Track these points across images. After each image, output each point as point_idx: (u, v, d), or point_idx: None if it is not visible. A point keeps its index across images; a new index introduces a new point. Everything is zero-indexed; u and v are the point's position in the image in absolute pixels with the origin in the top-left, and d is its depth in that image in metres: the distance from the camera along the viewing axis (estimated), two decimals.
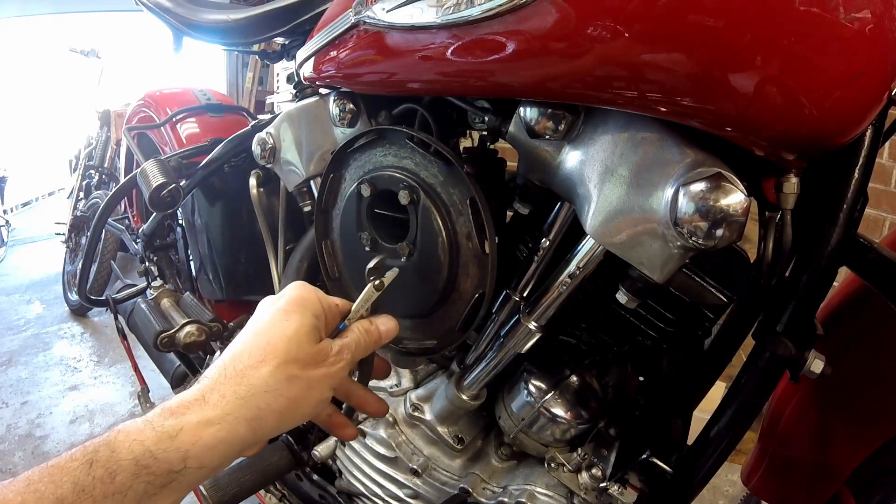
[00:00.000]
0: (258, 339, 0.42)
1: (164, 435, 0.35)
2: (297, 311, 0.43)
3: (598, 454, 0.64)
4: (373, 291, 0.51)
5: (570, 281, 0.53)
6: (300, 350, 0.42)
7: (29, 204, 5.77)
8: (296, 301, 0.44)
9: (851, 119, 0.39)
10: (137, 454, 0.34)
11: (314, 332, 0.43)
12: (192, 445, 0.36)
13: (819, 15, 0.34)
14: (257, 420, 0.39)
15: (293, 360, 0.41)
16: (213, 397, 0.38)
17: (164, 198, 0.90)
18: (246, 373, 0.40)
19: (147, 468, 0.34)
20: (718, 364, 0.64)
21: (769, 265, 0.52)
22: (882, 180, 1.76)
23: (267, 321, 0.43)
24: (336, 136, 0.72)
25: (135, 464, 0.34)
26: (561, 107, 0.48)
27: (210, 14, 0.97)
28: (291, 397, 0.41)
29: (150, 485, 0.34)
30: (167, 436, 0.35)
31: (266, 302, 0.46)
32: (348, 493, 0.82)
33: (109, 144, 2.80)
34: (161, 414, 0.37)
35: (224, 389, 0.39)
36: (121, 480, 0.33)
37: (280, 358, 0.41)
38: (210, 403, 0.38)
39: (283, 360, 0.41)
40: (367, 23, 0.55)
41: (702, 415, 0.62)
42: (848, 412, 0.67)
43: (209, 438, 0.37)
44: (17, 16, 5.14)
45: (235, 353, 0.42)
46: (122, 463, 0.34)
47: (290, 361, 0.41)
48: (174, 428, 0.36)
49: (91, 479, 0.33)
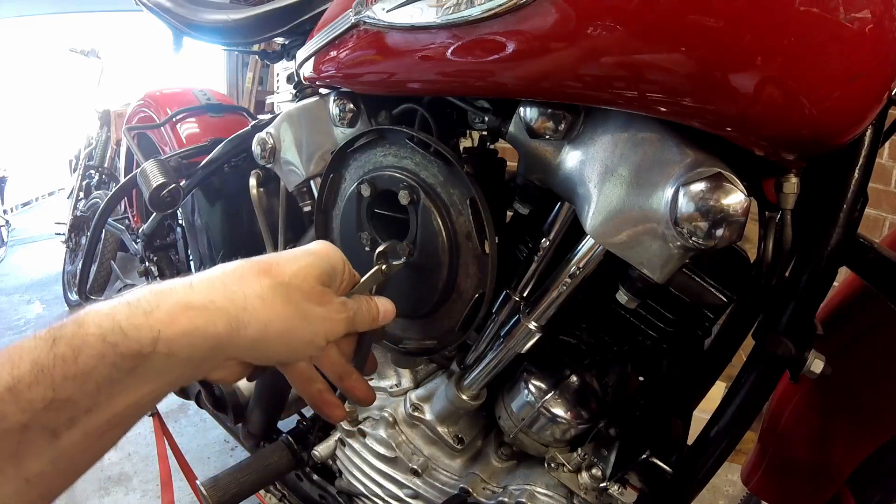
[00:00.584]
0: (269, 259, 0.40)
1: (139, 310, 0.32)
2: (316, 254, 0.42)
3: (598, 454, 0.64)
4: (379, 273, 0.50)
5: (570, 281, 0.53)
6: (305, 282, 0.39)
7: (29, 204, 5.77)
8: (319, 249, 0.43)
9: (851, 119, 0.39)
10: (106, 329, 0.31)
11: (324, 277, 0.42)
12: (166, 326, 0.32)
13: (819, 15, 0.34)
14: (239, 322, 0.35)
15: (296, 287, 0.39)
16: (202, 285, 0.35)
17: (164, 198, 0.90)
18: (245, 276, 0.37)
19: (115, 347, 0.30)
20: (718, 364, 0.64)
21: (769, 265, 0.52)
22: (882, 180, 1.76)
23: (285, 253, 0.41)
24: (336, 136, 0.72)
25: (102, 340, 0.30)
26: (561, 107, 0.48)
27: (210, 14, 0.97)
28: (283, 317, 0.37)
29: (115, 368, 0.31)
30: (142, 311, 0.32)
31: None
32: (348, 493, 0.82)
33: (109, 144, 2.80)
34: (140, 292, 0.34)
35: (215, 282, 0.36)
36: (84, 360, 0.30)
37: (284, 279, 0.38)
38: (196, 289, 0.35)
39: (286, 282, 0.38)
40: (367, 23, 0.55)
41: (702, 415, 0.62)
42: (848, 412, 0.67)
43: (185, 322, 0.33)
44: (17, 16, 5.15)
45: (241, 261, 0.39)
46: (87, 339, 0.30)
47: (292, 287, 0.38)
48: (150, 304, 0.33)
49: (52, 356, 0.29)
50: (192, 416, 1.91)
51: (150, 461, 1.65)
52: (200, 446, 1.78)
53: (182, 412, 1.93)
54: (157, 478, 1.31)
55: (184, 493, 1.36)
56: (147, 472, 1.62)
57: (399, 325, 0.69)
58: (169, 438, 1.31)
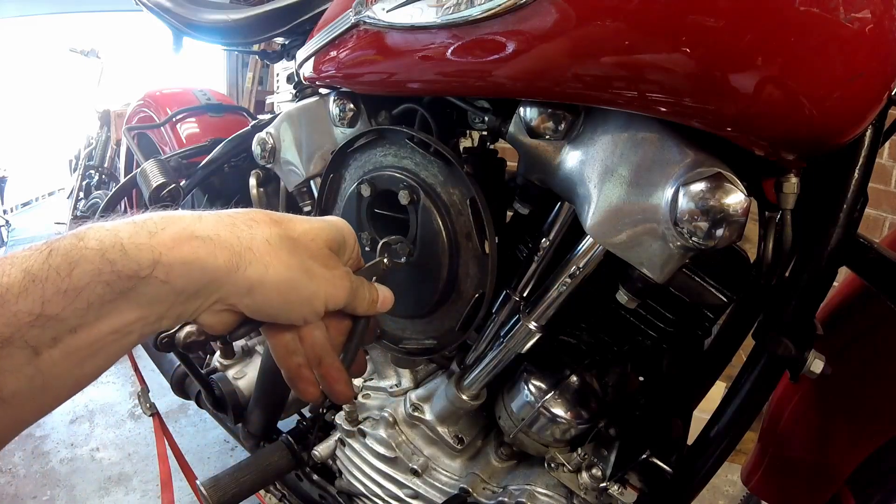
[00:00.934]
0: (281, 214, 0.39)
1: (143, 230, 0.31)
2: (329, 221, 0.42)
3: (598, 454, 0.64)
4: (381, 265, 0.50)
5: (570, 281, 0.53)
6: (314, 242, 0.39)
7: (29, 204, 5.78)
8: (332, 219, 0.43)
9: (851, 119, 0.39)
10: (106, 245, 0.29)
11: (333, 244, 0.41)
12: (168, 251, 0.31)
13: (819, 15, 0.34)
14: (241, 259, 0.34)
15: (303, 246, 0.38)
16: (211, 218, 0.34)
17: (164, 198, 0.90)
18: (256, 220, 0.36)
19: (112, 264, 0.29)
20: (718, 364, 0.64)
21: (769, 265, 0.52)
22: (882, 180, 1.76)
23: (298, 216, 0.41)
24: (336, 136, 0.72)
25: (100, 256, 0.29)
26: (561, 107, 0.48)
27: (210, 14, 0.97)
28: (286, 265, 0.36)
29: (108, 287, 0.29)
30: (146, 232, 0.31)
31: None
32: (348, 493, 0.82)
33: (109, 144, 2.80)
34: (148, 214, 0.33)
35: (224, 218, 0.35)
36: (78, 275, 0.28)
37: (292, 235, 0.38)
38: (204, 221, 0.34)
39: (294, 237, 0.38)
40: (367, 23, 0.55)
41: (702, 415, 0.62)
42: (848, 412, 0.67)
43: (187, 250, 0.32)
44: (17, 16, 5.15)
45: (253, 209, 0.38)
46: (86, 252, 0.29)
47: (299, 244, 0.38)
48: (156, 226, 0.32)
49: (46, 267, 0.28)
50: (192, 416, 1.91)
51: (150, 461, 1.65)
52: (200, 446, 1.78)
53: (182, 412, 1.93)
54: (157, 478, 1.31)
55: (184, 493, 1.36)
56: (147, 472, 1.62)
57: (399, 325, 0.69)
58: (169, 438, 1.31)
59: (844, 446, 0.68)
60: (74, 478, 1.61)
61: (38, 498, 1.53)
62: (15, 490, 1.55)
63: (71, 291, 0.28)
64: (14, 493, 1.54)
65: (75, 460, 1.68)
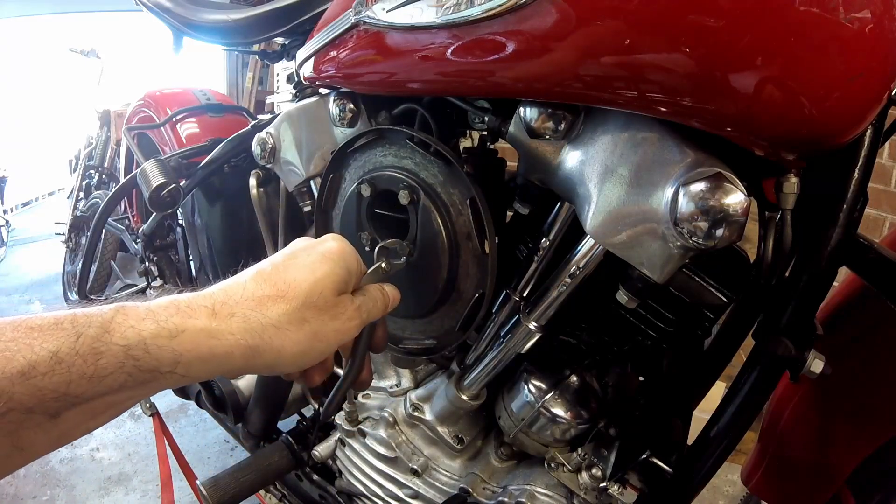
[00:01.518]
0: (286, 273, 0.41)
1: (165, 331, 0.33)
2: (332, 260, 0.43)
3: (598, 454, 0.64)
4: (380, 270, 0.50)
5: (570, 281, 0.53)
6: (320, 297, 0.41)
7: (29, 204, 5.77)
8: (334, 251, 0.44)
9: (851, 119, 0.39)
10: (132, 342, 0.32)
11: (340, 285, 0.43)
12: (188, 352, 0.34)
13: (819, 15, 0.34)
14: (255, 351, 0.37)
15: (311, 305, 0.40)
16: (224, 312, 0.37)
17: (164, 198, 0.90)
18: (263, 301, 0.38)
19: (135, 360, 0.32)
20: (718, 364, 0.64)
21: (769, 265, 0.52)
22: (882, 180, 1.76)
23: (301, 260, 0.42)
24: (336, 136, 0.72)
25: (125, 352, 0.31)
26: (561, 107, 0.48)
27: (210, 14, 0.97)
28: (296, 341, 0.39)
29: (129, 377, 0.32)
30: (168, 333, 0.33)
31: (303, 241, 0.45)
32: (348, 493, 0.82)
33: (109, 144, 2.80)
34: (167, 308, 0.35)
35: (235, 309, 0.37)
36: (104, 364, 0.30)
37: (300, 300, 0.39)
38: (218, 317, 0.36)
39: (302, 302, 0.39)
40: (367, 23, 0.55)
41: (702, 415, 0.62)
42: (848, 412, 0.67)
43: (205, 350, 0.35)
44: (17, 16, 5.15)
45: (259, 276, 0.40)
46: (112, 347, 0.31)
47: (307, 306, 0.40)
48: (177, 328, 0.34)
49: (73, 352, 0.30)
50: (192, 416, 1.91)
51: (150, 461, 1.65)
52: (200, 446, 1.78)
53: (182, 412, 1.93)
54: (157, 478, 1.31)
55: (184, 493, 1.36)
56: (147, 472, 1.62)
57: (399, 325, 0.69)
58: (169, 438, 1.31)
59: (844, 446, 0.68)
60: (74, 478, 1.61)
61: (37, 498, 1.53)
62: (15, 490, 1.55)
63: (95, 378, 0.30)
64: (14, 493, 1.54)
65: (75, 460, 1.68)
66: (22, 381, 0.28)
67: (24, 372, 0.28)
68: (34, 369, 0.28)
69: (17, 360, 0.28)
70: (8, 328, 0.30)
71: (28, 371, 0.28)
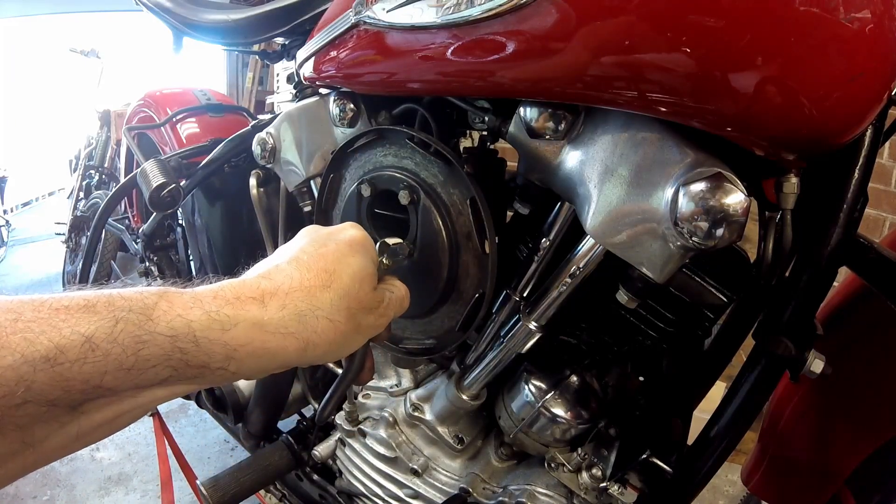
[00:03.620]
0: (323, 261, 0.38)
1: (217, 323, 0.30)
2: (360, 251, 0.41)
3: (598, 454, 0.64)
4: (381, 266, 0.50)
5: (570, 281, 0.53)
6: (361, 290, 0.39)
7: (29, 204, 5.77)
8: (359, 241, 0.42)
9: (851, 119, 0.39)
10: (179, 332, 0.28)
11: (372, 279, 0.41)
12: (241, 347, 0.31)
13: (819, 15, 0.34)
14: (307, 343, 0.35)
15: (355, 297, 0.38)
16: (274, 304, 0.34)
17: (164, 198, 0.90)
18: (313, 291, 0.36)
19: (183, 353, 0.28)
20: (718, 364, 0.64)
21: (769, 265, 0.52)
22: (882, 180, 1.76)
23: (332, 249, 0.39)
24: (336, 136, 0.72)
25: (172, 342, 0.28)
26: (561, 107, 0.48)
27: (210, 14, 0.97)
28: (344, 334, 0.37)
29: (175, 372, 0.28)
30: (220, 326, 0.30)
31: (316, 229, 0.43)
32: (348, 493, 0.82)
33: (109, 144, 2.80)
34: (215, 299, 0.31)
35: (286, 300, 0.34)
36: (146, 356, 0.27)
37: (344, 290, 0.38)
38: (269, 309, 0.33)
39: (347, 293, 0.38)
40: (367, 23, 0.55)
41: (702, 415, 0.62)
42: (848, 412, 0.67)
43: (259, 346, 0.32)
44: (17, 16, 5.15)
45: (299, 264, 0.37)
46: (156, 336, 0.27)
47: (352, 297, 0.38)
48: (230, 320, 0.31)
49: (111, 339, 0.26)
50: (192, 416, 1.91)
51: (150, 461, 1.65)
52: (200, 446, 1.78)
53: (182, 412, 1.93)
54: (157, 478, 1.31)
55: (184, 493, 1.36)
56: (147, 472, 1.62)
57: (399, 325, 0.69)
58: (169, 438, 1.31)
59: (844, 446, 0.68)
60: (74, 478, 1.61)
61: (37, 498, 1.53)
62: (15, 490, 1.55)
63: (135, 370, 0.27)
64: (14, 493, 1.54)
65: (75, 460, 1.68)
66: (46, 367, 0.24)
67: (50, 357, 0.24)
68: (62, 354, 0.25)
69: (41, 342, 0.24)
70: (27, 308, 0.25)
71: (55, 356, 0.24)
